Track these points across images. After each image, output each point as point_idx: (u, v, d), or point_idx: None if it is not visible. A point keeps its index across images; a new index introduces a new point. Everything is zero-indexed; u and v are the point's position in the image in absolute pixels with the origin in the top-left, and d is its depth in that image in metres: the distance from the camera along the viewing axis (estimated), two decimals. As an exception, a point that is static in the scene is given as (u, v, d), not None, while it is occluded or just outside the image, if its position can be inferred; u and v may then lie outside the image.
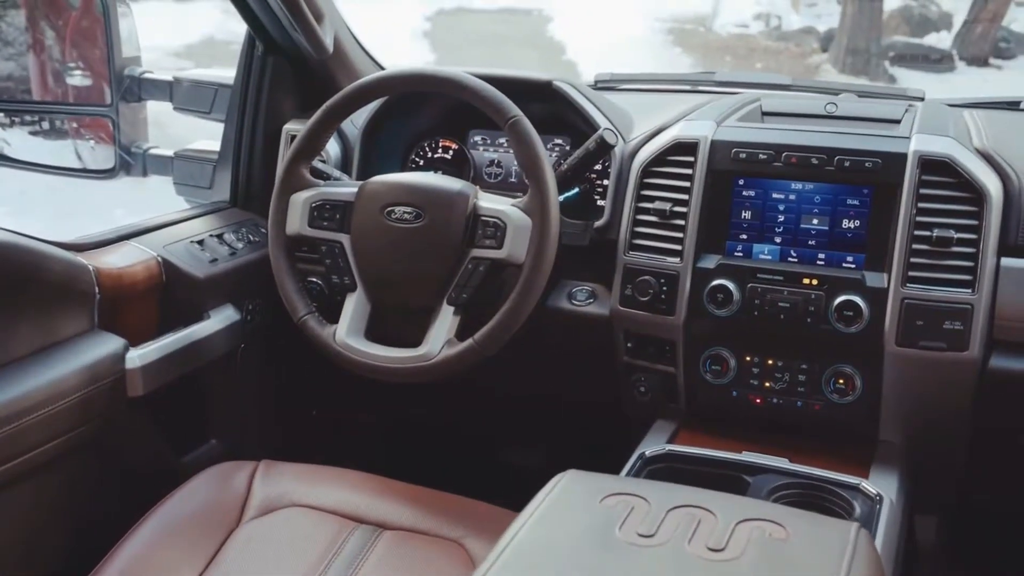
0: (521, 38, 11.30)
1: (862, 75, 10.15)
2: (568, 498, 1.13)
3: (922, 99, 1.86)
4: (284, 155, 1.90)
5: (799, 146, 1.56)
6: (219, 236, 1.83)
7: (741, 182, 1.59)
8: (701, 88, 2.08)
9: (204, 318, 1.74)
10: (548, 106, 1.78)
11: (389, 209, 1.55)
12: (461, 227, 1.52)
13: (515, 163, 1.89)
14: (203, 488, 1.53)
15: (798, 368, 1.58)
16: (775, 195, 1.58)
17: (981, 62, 11.00)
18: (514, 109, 1.50)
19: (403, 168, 1.93)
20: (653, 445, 1.57)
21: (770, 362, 1.59)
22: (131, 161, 2.00)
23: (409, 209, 1.54)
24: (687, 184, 1.61)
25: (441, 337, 1.52)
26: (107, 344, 1.56)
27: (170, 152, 2.04)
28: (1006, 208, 1.50)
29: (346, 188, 1.61)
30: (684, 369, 1.64)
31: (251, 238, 1.88)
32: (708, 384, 1.62)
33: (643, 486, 1.15)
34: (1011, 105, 1.93)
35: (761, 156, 1.56)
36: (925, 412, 1.55)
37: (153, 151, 2.04)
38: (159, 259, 1.69)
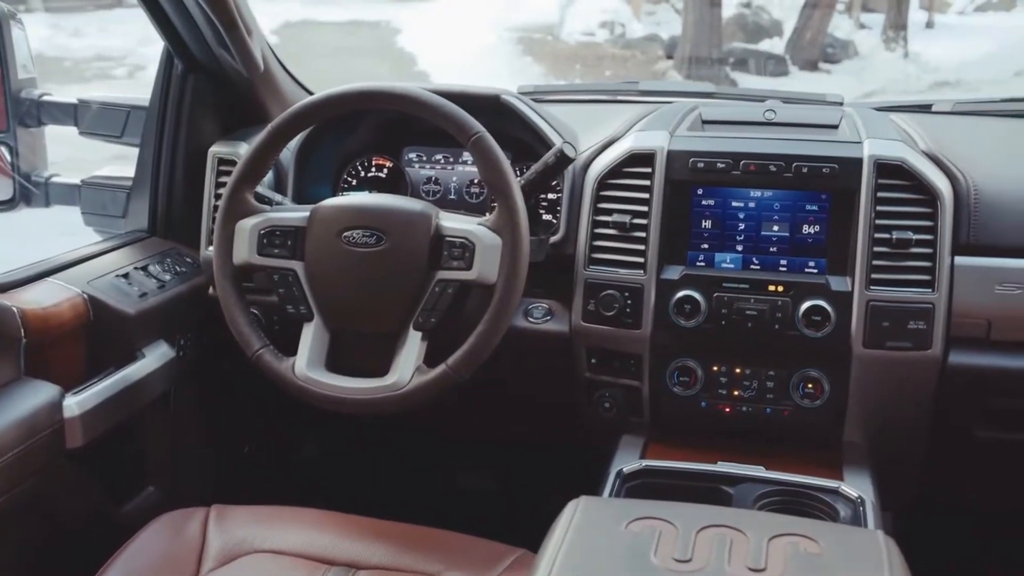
0: (370, 50, 11.19)
1: (706, 79, 10.49)
2: (591, 527, 1.10)
3: (841, 103, 1.90)
4: (210, 179, 1.80)
5: (756, 154, 1.57)
6: (144, 268, 1.71)
7: (700, 191, 1.59)
8: (621, 98, 2.08)
9: (137, 357, 1.62)
10: (488, 120, 1.73)
11: (346, 233, 1.48)
12: (425, 249, 1.46)
13: (453, 180, 1.84)
14: (154, 540, 1.43)
15: (766, 375, 1.58)
16: (734, 203, 1.58)
17: (812, 66, 11.60)
18: (477, 126, 1.46)
19: (336, 189, 1.85)
20: (628, 461, 1.55)
21: (738, 370, 1.60)
22: (34, 190, 1.84)
23: (368, 232, 1.47)
24: (646, 195, 1.59)
25: (411, 364, 1.45)
26: (40, 393, 1.43)
27: (76, 180, 1.89)
28: (956, 208, 1.55)
29: (296, 213, 1.52)
30: (650, 382, 1.63)
31: (178, 269, 1.76)
32: (676, 396, 1.61)
33: (663, 508, 1.13)
34: (923, 108, 2.00)
35: (719, 165, 1.57)
36: (888, 411, 1.59)
37: (56, 179, 1.89)
38: (85, 296, 1.56)
